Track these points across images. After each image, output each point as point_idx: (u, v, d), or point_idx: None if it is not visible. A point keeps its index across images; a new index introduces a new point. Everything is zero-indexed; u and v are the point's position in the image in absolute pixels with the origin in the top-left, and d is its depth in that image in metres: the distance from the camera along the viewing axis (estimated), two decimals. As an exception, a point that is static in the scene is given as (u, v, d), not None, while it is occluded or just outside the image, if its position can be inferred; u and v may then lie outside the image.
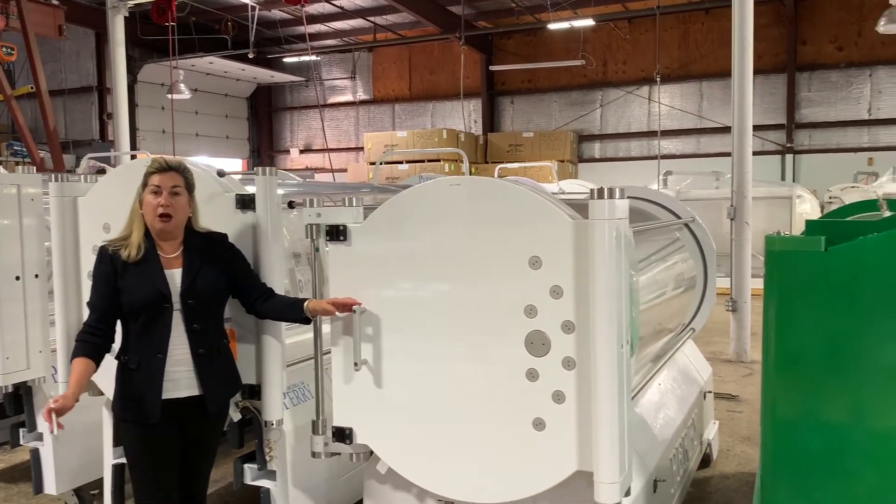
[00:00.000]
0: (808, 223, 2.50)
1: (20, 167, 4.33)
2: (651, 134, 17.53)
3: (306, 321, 3.06)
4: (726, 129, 8.26)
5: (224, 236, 3.15)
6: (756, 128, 17.08)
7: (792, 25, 17.57)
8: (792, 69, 17.71)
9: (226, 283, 3.07)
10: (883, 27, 12.09)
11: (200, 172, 3.28)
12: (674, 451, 3.75)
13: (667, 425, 3.78)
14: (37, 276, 4.01)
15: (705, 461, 4.91)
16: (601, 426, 2.55)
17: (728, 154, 8.29)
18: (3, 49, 11.53)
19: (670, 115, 18.90)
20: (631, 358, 2.74)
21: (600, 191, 2.55)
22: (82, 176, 3.73)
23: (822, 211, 13.16)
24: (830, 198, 14.13)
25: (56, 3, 12.61)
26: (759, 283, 3.13)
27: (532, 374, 2.69)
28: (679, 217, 4.89)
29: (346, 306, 2.92)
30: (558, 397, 2.66)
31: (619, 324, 2.54)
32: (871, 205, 3.46)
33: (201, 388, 2.97)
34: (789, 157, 17.93)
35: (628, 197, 4.97)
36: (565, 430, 2.65)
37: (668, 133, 18.79)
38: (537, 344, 2.68)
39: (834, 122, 17.64)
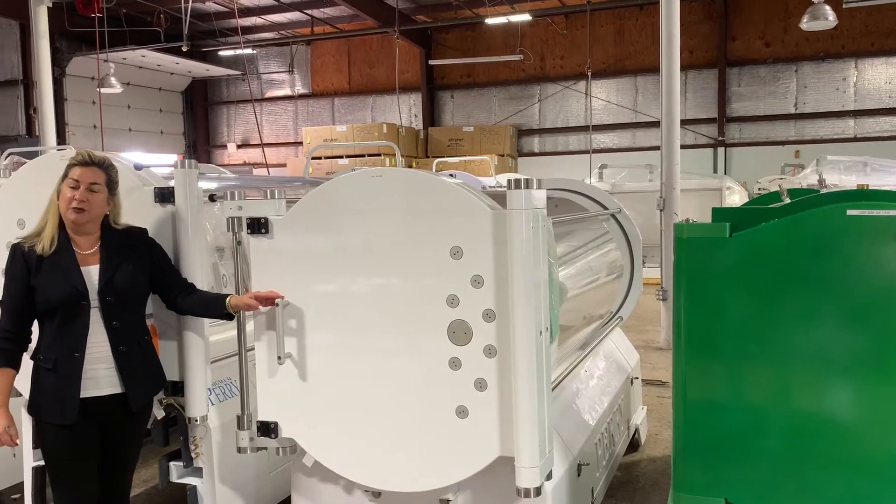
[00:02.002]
0: (715, 210, 2.59)
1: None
2: (589, 128, 17.86)
3: (229, 317, 3.03)
4: (660, 123, 8.44)
5: (143, 230, 3.10)
6: (689, 122, 17.83)
7: (722, 22, 18.07)
8: (723, 64, 18.22)
9: (145, 279, 3.02)
10: (806, 24, 12.54)
11: (118, 166, 3.21)
12: (599, 436, 3.84)
13: (592, 410, 3.87)
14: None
15: (634, 446, 5.04)
16: (521, 411, 2.60)
17: (661, 147, 8.48)
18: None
19: (607, 110, 19.23)
20: (551, 344, 2.80)
21: (517, 181, 2.60)
22: (-2, 171, 3.61)
23: (751, 202, 13.59)
24: (759, 189, 14.61)
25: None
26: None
27: (455, 363, 2.73)
28: (606, 208, 4.99)
29: (269, 300, 2.91)
30: (480, 385, 2.70)
31: (536, 311, 2.59)
32: (776, 196, 3.63)
33: (123, 385, 2.92)
34: (721, 150, 18.46)
35: (558, 189, 5.14)
36: (487, 416, 2.70)
37: (604, 127, 19.12)
38: (459, 333, 2.71)
39: (763, 116, 18.22)
